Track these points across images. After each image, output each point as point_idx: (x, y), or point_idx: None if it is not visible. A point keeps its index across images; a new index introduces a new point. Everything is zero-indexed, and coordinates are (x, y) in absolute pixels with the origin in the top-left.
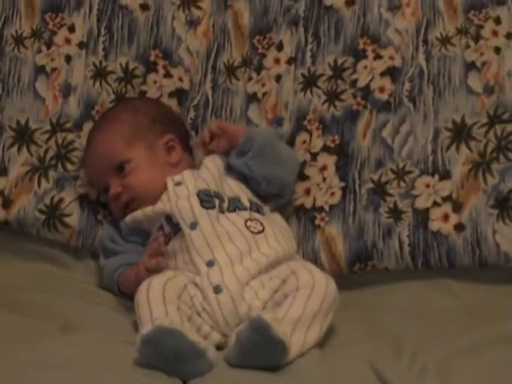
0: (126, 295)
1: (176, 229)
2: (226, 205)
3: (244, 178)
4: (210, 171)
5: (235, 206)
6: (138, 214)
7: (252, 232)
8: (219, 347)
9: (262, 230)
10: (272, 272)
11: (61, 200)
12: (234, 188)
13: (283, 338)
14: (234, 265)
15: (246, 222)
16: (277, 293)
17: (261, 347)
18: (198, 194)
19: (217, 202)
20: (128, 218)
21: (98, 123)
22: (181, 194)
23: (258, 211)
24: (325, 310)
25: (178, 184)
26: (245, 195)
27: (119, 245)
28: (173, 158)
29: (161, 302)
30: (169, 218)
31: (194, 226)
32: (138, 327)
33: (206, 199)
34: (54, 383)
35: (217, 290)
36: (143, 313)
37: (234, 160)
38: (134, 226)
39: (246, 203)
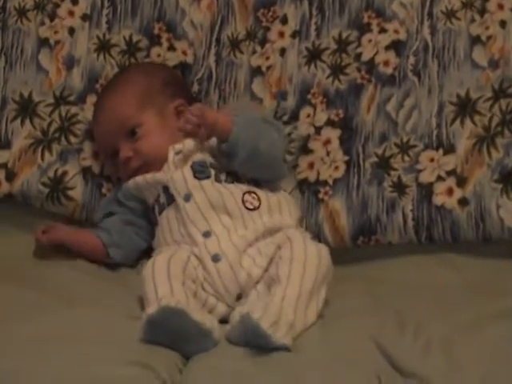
0: None
1: (170, 199)
2: (223, 175)
3: None
4: (206, 145)
5: (234, 178)
6: (139, 179)
7: (247, 208)
8: (224, 320)
9: (258, 206)
10: (268, 239)
11: (64, 173)
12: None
13: (284, 342)
14: (230, 234)
15: (243, 195)
16: (272, 261)
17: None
18: (192, 166)
19: (213, 172)
20: (130, 182)
21: (110, 84)
22: (178, 163)
23: (256, 184)
24: (319, 284)
25: (178, 153)
26: None
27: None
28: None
29: (166, 278)
30: (165, 188)
31: (187, 197)
32: (144, 303)
33: (201, 169)
34: (57, 357)
35: (215, 258)
36: (148, 289)
37: (225, 163)
38: (134, 192)
39: (244, 176)
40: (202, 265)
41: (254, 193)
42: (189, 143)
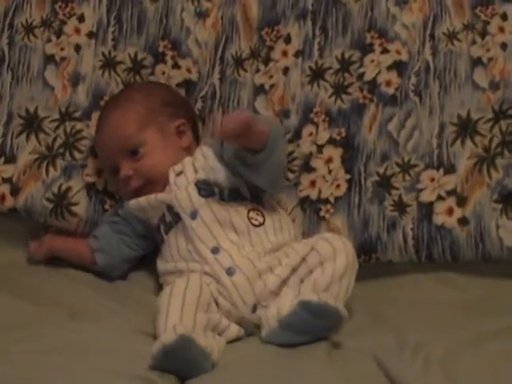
0: None
1: (176, 218)
2: (226, 193)
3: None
4: (205, 164)
5: (235, 196)
6: (142, 200)
7: (253, 224)
8: (236, 339)
9: (263, 223)
10: (285, 249)
11: (68, 189)
12: (231, 180)
13: (345, 313)
14: (239, 249)
15: (248, 212)
16: (297, 270)
17: (321, 327)
18: (197, 184)
19: (216, 190)
20: (133, 202)
21: (111, 102)
22: (180, 184)
23: (258, 202)
24: (349, 273)
25: (179, 174)
26: (244, 185)
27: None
28: (183, 143)
29: (179, 307)
30: (170, 207)
31: (194, 215)
32: (155, 326)
33: (205, 187)
34: (57, 370)
35: (230, 272)
36: (160, 317)
37: (242, 171)
38: (136, 213)
39: (246, 193)
40: (216, 279)
41: (258, 210)
42: (188, 162)
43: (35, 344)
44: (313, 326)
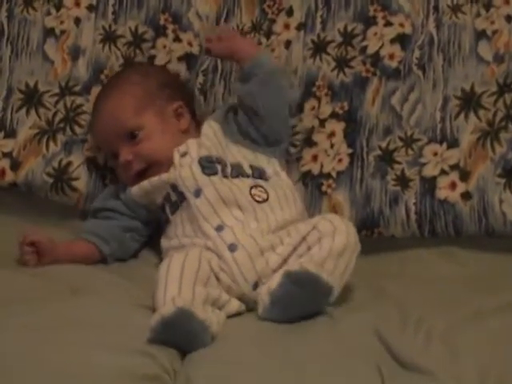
0: None
1: (181, 197)
2: (228, 170)
3: (246, 134)
4: (210, 137)
5: (238, 172)
6: (144, 184)
7: (257, 201)
8: (237, 314)
9: (267, 199)
10: (289, 228)
11: (69, 163)
12: (235, 154)
13: (332, 284)
14: (244, 226)
15: (250, 189)
16: (297, 249)
17: (306, 298)
18: (200, 161)
19: (219, 167)
20: (134, 189)
21: (107, 86)
22: (185, 163)
23: (261, 177)
24: (348, 252)
25: (183, 155)
26: (246, 162)
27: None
28: (182, 125)
29: (177, 279)
30: (174, 186)
31: (197, 193)
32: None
33: (208, 165)
34: (60, 345)
35: (232, 248)
36: (159, 289)
37: (239, 86)
38: (138, 200)
39: (248, 170)
40: (218, 255)
41: (261, 186)
42: (191, 143)
43: (35, 318)
44: (299, 297)
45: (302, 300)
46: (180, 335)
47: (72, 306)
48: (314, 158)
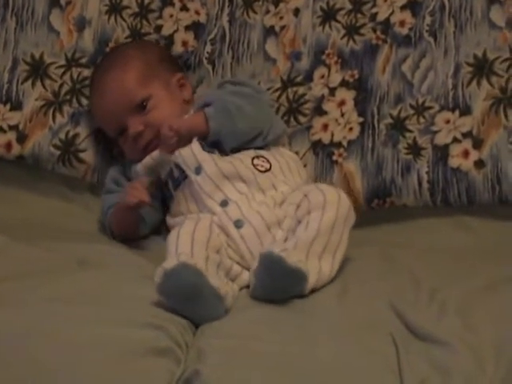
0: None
1: (184, 174)
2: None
3: None
4: None
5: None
6: (146, 160)
7: (259, 171)
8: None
9: (269, 168)
10: (289, 199)
11: (76, 135)
12: None
13: (298, 265)
14: (249, 200)
15: (252, 159)
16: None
17: (279, 281)
18: (199, 139)
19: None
20: (139, 167)
21: (106, 62)
22: None
23: (262, 148)
24: (339, 227)
25: None
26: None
27: (123, 187)
28: (186, 96)
29: (189, 242)
30: (176, 163)
31: (198, 170)
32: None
33: (207, 143)
34: (69, 319)
35: (238, 224)
36: (170, 247)
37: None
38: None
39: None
40: (225, 231)
41: (263, 156)
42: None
43: (45, 291)
44: (272, 284)
45: (277, 285)
46: (186, 292)
47: (82, 280)
48: (325, 126)
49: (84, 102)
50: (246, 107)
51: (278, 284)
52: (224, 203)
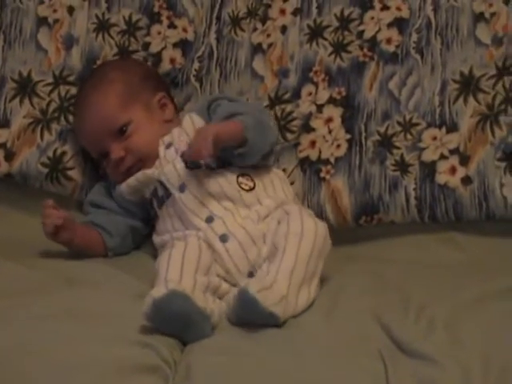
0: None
1: (168, 192)
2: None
3: None
4: (189, 131)
5: (223, 163)
6: (131, 181)
7: (243, 189)
8: None
9: (253, 187)
10: (273, 215)
11: (64, 153)
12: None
13: (272, 310)
14: (234, 216)
15: (237, 177)
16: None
17: (252, 319)
18: (182, 156)
19: (202, 161)
20: (123, 187)
21: (87, 88)
22: (169, 157)
23: (247, 166)
24: (316, 257)
25: (168, 146)
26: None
27: (107, 202)
28: (167, 115)
29: (179, 265)
30: (161, 181)
31: (182, 188)
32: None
33: (191, 159)
34: (57, 336)
35: (223, 238)
36: (160, 272)
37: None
38: (128, 197)
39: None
40: (211, 246)
41: (247, 174)
42: (176, 132)
43: (33, 309)
44: (245, 316)
45: (249, 321)
46: (175, 320)
47: (71, 298)
48: (312, 143)
49: (72, 119)
50: (270, 123)
51: (250, 321)
52: (209, 219)
